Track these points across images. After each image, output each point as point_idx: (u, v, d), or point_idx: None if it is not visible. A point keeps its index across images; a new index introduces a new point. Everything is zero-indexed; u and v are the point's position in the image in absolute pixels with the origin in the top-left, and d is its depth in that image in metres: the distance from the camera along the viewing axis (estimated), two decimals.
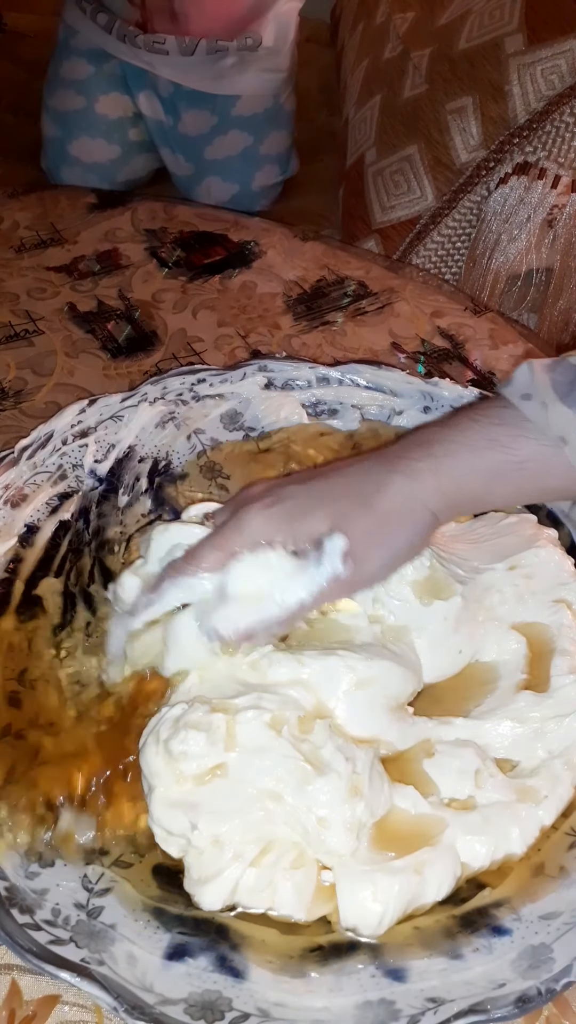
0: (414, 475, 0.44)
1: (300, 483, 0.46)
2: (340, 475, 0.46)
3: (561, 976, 0.37)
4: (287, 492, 0.45)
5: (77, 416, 0.61)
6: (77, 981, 0.36)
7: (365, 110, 1.13)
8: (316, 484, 0.45)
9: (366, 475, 0.45)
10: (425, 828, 0.41)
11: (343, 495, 0.44)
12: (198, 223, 0.92)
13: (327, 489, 0.45)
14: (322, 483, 0.45)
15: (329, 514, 0.43)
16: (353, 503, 0.44)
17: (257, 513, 0.44)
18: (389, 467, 0.44)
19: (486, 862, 0.41)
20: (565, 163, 0.97)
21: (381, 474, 0.44)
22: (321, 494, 0.45)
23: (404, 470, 0.44)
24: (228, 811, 0.40)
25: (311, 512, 0.44)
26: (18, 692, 0.47)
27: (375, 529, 0.43)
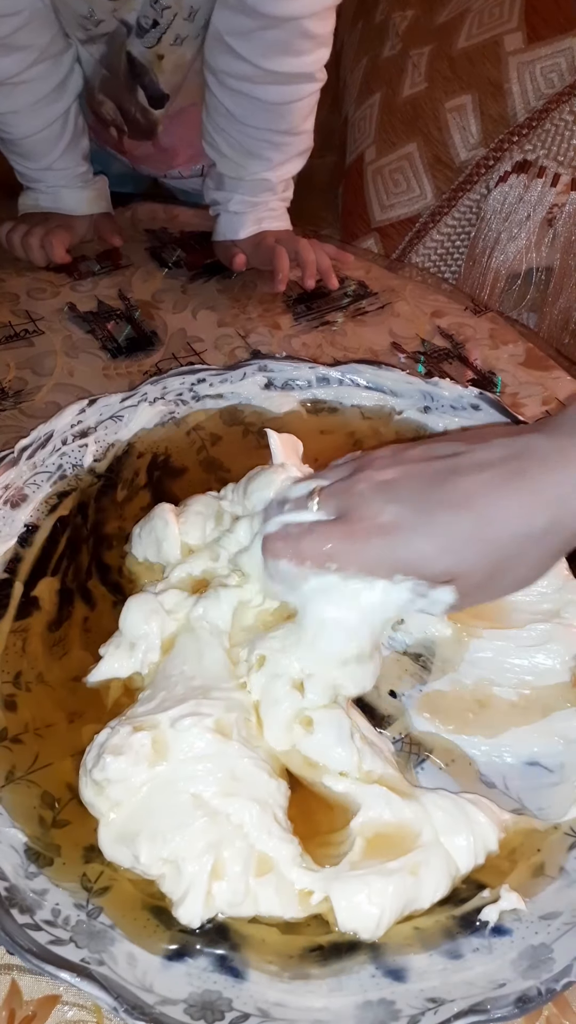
0: (555, 509, 0.38)
1: (422, 501, 0.40)
2: (468, 503, 0.39)
3: (561, 976, 0.37)
4: (408, 518, 0.39)
5: (77, 416, 0.61)
6: (77, 981, 0.36)
7: (364, 108, 1.13)
8: (440, 515, 0.39)
9: (499, 507, 0.39)
10: (405, 830, 0.41)
11: (469, 540, 0.39)
12: (198, 223, 0.92)
13: (452, 528, 0.39)
14: (447, 515, 0.39)
15: (449, 563, 0.39)
16: (478, 555, 0.39)
17: (378, 541, 0.39)
18: (524, 498, 0.38)
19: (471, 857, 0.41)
20: (565, 161, 0.97)
21: (514, 510, 0.38)
22: (446, 538, 0.39)
23: (544, 503, 0.38)
24: (168, 829, 0.39)
25: (433, 564, 0.39)
26: (13, 695, 0.47)
27: (489, 579, 0.40)
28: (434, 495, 0.40)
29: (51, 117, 0.82)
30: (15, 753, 0.45)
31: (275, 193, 0.84)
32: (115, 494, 0.59)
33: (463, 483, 0.39)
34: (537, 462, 0.39)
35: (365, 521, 0.40)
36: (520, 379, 0.73)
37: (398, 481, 0.41)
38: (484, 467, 0.39)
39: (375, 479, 0.41)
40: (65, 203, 0.88)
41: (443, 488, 0.40)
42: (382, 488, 0.41)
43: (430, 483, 0.40)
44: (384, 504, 0.40)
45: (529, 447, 0.39)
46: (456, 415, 0.64)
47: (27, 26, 0.75)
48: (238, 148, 0.81)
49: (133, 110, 0.93)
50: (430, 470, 0.41)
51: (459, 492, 0.39)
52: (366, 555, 0.40)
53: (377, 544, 0.40)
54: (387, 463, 0.42)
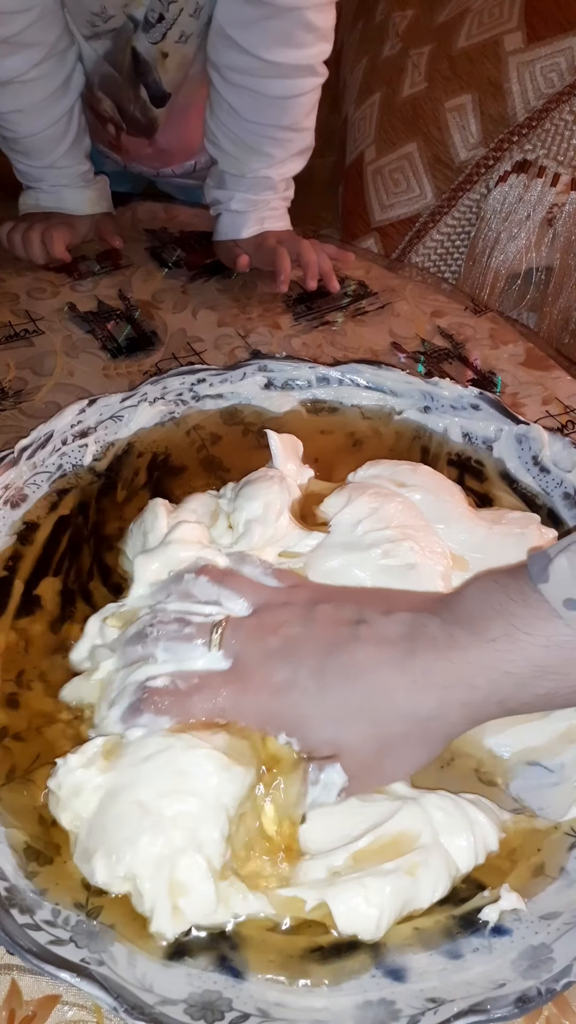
0: (442, 695, 0.38)
1: (319, 666, 0.40)
2: (361, 677, 0.40)
3: (561, 976, 0.37)
4: (302, 681, 0.40)
5: (77, 416, 0.61)
6: (77, 981, 0.36)
7: (364, 108, 1.13)
8: (332, 683, 0.40)
9: (388, 689, 0.39)
10: (402, 835, 0.41)
11: (356, 715, 0.39)
12: (198, 223, 0.92)
13: (342, 701, 0.40)
14: (339, 683, 0.40)
15: (336, 743, 0.40)
16: (364, 732, 0.40)
17: (267, 699, 0.40)
18: (414, 680, 0.39)
19: (472, 857, 0.41)
20: (564, 161, 0.97)
21: (403, 692, 0.39)
22: (334, 709, 0.40)
23: (432, 688, 0.39)
24: (119, 844, 0.39)
25: (319, 731, 0.40)
26: (16, 694, 0.48)
27: (377, 764, 0.40)
28: (330, 662, 0.40)
29: (56, 115, 0.82)
30: (16, 752, 0.45)
31: (276, 192, 0.84)
32: (115, 494, 0.59)
33: (359, 655, 0.40)
34: (429, 646, 0.39)
35: (258, 680, 0.41)
36: (520, 379, 0.73)
37: (300, 641, 0.41)
38: (381, 642, 0.40)
39: (280, 632, 0.42)
40: (67, 203, 0.88)
41: (339, 657, 0.40)
42: (284, 646, 0.41)
43: (328, 650, 0.41)
44: (281, 663, 0.41)
45: (424, 629, 0.40)
46: (456, 415, 0.64)
47: (37, 23, 0.75)
48: (240, 144, 0.81)
49: (132, 108, 0.93)
50: (331, 636, 0.41)
51: (354, 663, 0.40)
52: (255, 711, 0.40)
53: (267, 701, 0.40)
54: (296, 618, 0.42)
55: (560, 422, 0.69)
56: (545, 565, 0.38)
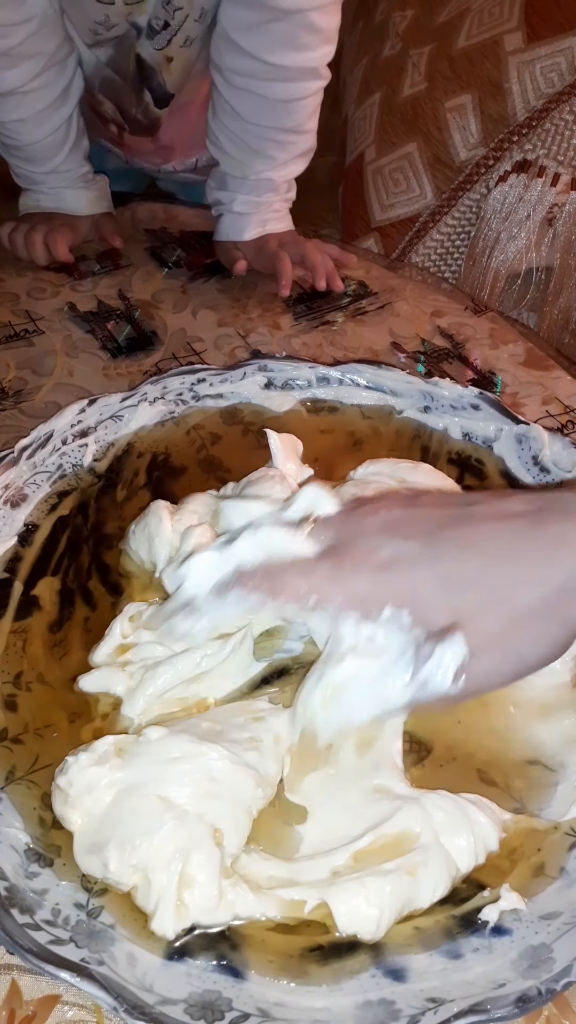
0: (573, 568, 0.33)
1: (429, 538, 0.35)
2: (481, 545, 0.35)
3: (561, 976, 0.37)
4: (411, 553, 0.35)
5: (77, 416, 0.61)
6: (77, 981, 0.36)
7: (364, 108, 1.13)
8: (448, 551, 0.35)
9: (514, 553, 0.34)
10: (402, 835, 0.41)
11: (478, 579, 0.35)
12: (198, 223, 0.92)
13: (460, 565, 0.35)
14: (455, 551, 0.35)
15: (454, 607, 0.34)
16: (487, 596, 0.34)
17: (369, 575, 0.35)
18: (544, 546, 0.34)
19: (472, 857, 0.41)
20: (564, 161, 0.97)
21: (532, 556, 0.34)
22: (451, 572, 0.35)
23: (570, 551, 0.34)
24: (136, 835, 0.39)
25: (433, 596, 0.35)
26: (14, 695, 0.47)
27: (503, 637, 0.34)
28: (443, 534, 0.35)
29: (57, 123, 0.82)
30: (15, 754, 0.45)
31: (278, 194, 0.84)
32: (115, 494, 0.59)
33: (478, 527, 0.35)
34: (560, 514, 0.34)
35: (357, 555, 0.36)
36: (520, 379, 0.73)
37: (405, 520, 0.37)
38: (502, 516, 0.36)
39: (380, 516, 0.38)
40: (67, 203, 0.88)
41: (455, 528, 0.36)
42: (386, 525, 0.37)
43: (440, 524, 0.36)
44: (385, 540, 0.36)
45: (554, 499, 0.36)
46: (456, 415, 0.64)
47: (37, 33, 0.75)
48: (243, 147, 0.81)
49: (134, 110, 0.93)
50: (442, 513, 0.37)
51: (472, 534, 0.35)
52: (354, 589, 0.35)
53: (367, 579, 0.35)
54: (397, 503, 0.38)
55: (560, 422, 0.69)
56: None
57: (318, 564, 0.37)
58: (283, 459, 0.56)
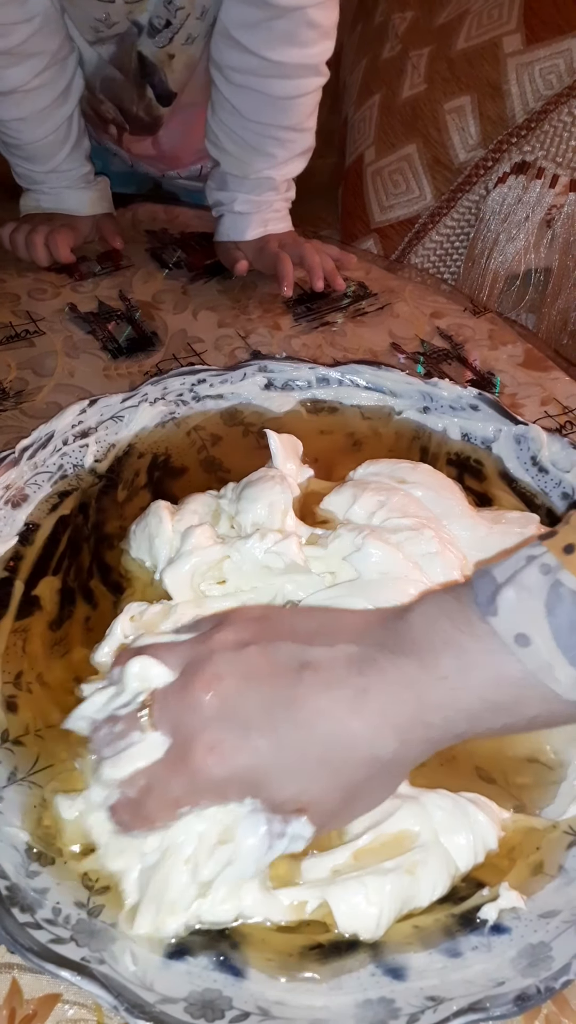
0: (401, 736, 0.37)
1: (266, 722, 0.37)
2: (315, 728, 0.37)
3: (560, 974, 0.38)
4: (253, 746, 0.37)
5: (78, 416, 0.61)
6: (77, 980, 0.36)
7: (364, 109, 1.14)
8: (285, 741, 0.37)
9: (344, 734, 0.37)
10: (402, 834, 0.41)
11: (317, 768, 0.37)
12: (199, 224, 0.93)
13: (298, 756, 0.37)
14: (292, 743, 0.37)
15: (297, 791, 0.38)
16: (326, 783, 0.37)
17: (214, 767, 0.37)
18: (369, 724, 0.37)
19: (471, 856, 0.41)
20: (563, 162, 0.98)
21: (360, 735, 0.37)
22: (292, 765, 0.37)
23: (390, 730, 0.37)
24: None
25: (277, 782, 0.37)
26: (14, 696, 0.48)
27: (342, 805, 0.39)
28: (277, 714, 0.37)
29: (58, 122, 0.82)
30: (16, 755, 0.45)
31: (278, 193, 0.84)
32: (116, 494, 0.59)
33: (308, 703, 0.37)
34: (380, 685, 0.37)
35: (202, 749, 0.37)
36: (519, 380, 0.73)
37: (237, 696, 0.38)
38: (330, 685, 0.37)
39: (211, 689, 0.38)
40: (68, 204, 0.88)
41: (287, 709, 0.37)
42: (221, 704, 0.38)
43: (272, 702, 0.38)
44: (222, 726, 0.37)
45: (373, 664, 0.37)
46: (455, 415, 0.64)
47: (39, 32, 0.76)
48: (243, 145, 0.81)
49: (136, 108, 0.93)
50: (272, 685, 0.38)
51: (304, 713, 0.37)
52: (210, 786, 0.38)
53: (218, 771, 0.37)
54: (227, 670, 0.38)
55: (559, 422, 0.69)
56: (492, 595, 0.35)
57: (170, 777, 0.38)
58: (283, 459, 0.56)
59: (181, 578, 0.49)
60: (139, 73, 0.88)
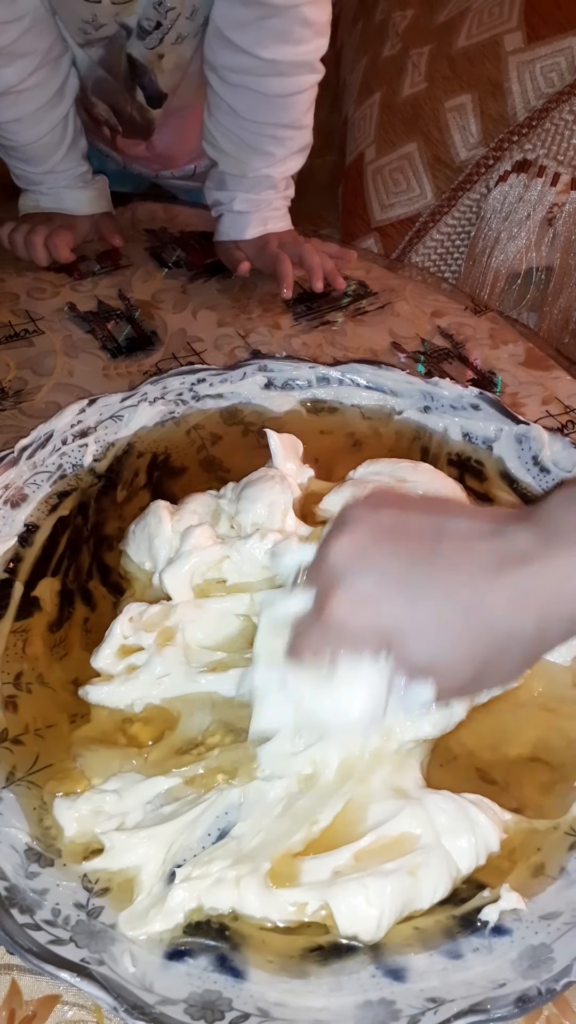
0: (542, 611, 0.37)
1: (405, 575, 0.38)
2: (452, 592, 0.37)
3: (561, 976, 0.37)
4: (388, 595, 0.38)
5: (77, 416, 0.61)
6: (77, 981, 0.36)
7: (364, 108, 1.13)
8: (422, 598, 0.38)
9: (481, 603, 0.37)
10: (403, 835, 0.41)
11: (450, 632, 0.37)
12: (198, 223, 0.92)
13: (435, 614, 0.37)
14: (429, 600, 0.37)
15: (432, 653, 0.38)
16: (460, 643, 0.37)
17: (346, 616, 0.38)
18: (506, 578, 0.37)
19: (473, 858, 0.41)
20: (564, 161, 0.97)
21: (496, 607, 0.37)
22: (427, 623, 0.38)
23: (532, 604, 0.37)
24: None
25: (412, 642, 0.38)
26: (14, 696, 0.47)
27: (471, 678, 0.38)
28: (415, 575, 0.38)
29: (53, 122, 0.82)
30: (16, 754, 0.45)
31: (277, 191, 0.84)
32: (115, 494, 0.59)
33: (448, 569, 0.38)
34: (520, 559, 0.37)
35: (340, 597, 0.38)
36: (520, 379, 0.73)
37: (376, 553, 0.39)
38: (469, 552, 0.38)
39: (349, 540, 0.39)
40: (66, 203, 0.88)
41: (425, 570, 0.38)
42: (360, 559, 0.39)
43: (411, 563, 0.38)
44: (360, 576, 0.39)
45: (514, 541, 0.38)
46: (456, 415, 0.64)
47: (29, 31, 0.76)
48: (240, 144, 0.81)
49: (129, 109, 0.93)
50: (410, 548, 0.39)
51: (446, 576, 0.38)
52: (344, 632, 0.39)
53: (353, 618, 0.38)
54: (361, 522, 0.40)
55: (560, 422, 0.69)
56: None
57: (310, 627, 0.40)
58: (283, 459, 0.56)
59: (180, 578, 0.49)
60: (129, 75, 0.88)
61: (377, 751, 0.43)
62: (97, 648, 0.48)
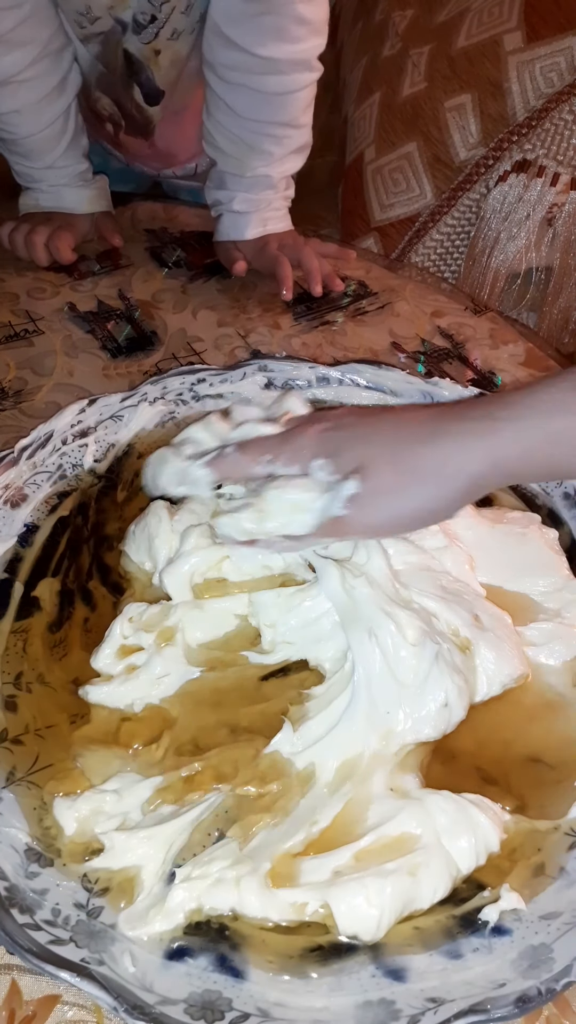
0: (461, 437, 0.43)
1: (356, 417, 0.48)
2: (392, 422, 0.47)
3: (561, 976, 0.37)
4: (341, 423, 0.48)
5: (77, 416, 0.61)
6: (77, 981, 0.36)
7: (364, 108, 1.13)
8: (367, 424, 0.47)
9: (413, 428, 0.45)
10: (404, 836, 0.41)
11: (382, 442, 0.45)
12: (198, 223, 0.92)
13: (373, 432, 0.46)
14: (372, 424, 0.47)
15: (360, 456, 0.45)
16: (385, 452, 0.45)
17: (310, 435, 0.47)
18: (439, 425, 0.44)
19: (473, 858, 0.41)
20: (564, 161, 0.97)
21: (426, 430, 0.44)
22: (366, 435, 0.46)
23: (453, 431, 0.44)
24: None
25: (349, 448, 0.46)
26: (14, 696, 0.47)
27: (392, 483, 0.44)
28: (369, 418, 0.48)
29: (53, 115, 0.82)
30: (16, 754, 0.45)
31: (277, 191, 0.84)
32: (115, 495, 0.59)
33: (388, 411, 0.50)
34: (458, 417, 0.44)
35: (303, 428, 0.49)
36: (520, 379, 0.73)
37: (337, 416, 0.49)
38: (407, 418, 0.47)
39: (316, 420, 0.50)
40: (66, 202, 0.88)
41: (371, 412, 0.50)
42: (326, 421, 0.49)
43: (361, 415, 0.49)
44: (322, 423, 0.48)
45: (454, 405, 0.47)
46: None
47: (29, 20, 0.76)
48: (238, 143, 0.81)
49: (130, 106, 0.93)
50: (363, 419, 0.48)
51: (384, 414, 0.49)
52: (298, 445, 0.48)
53: (306, 441, 0.47)
54: (325, 417, 0.50)
55: None
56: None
57: (276, 436, 0.50)
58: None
59: (180, 578, 0.49)
60: (126, 72, 0.88)
61: (377, 752, 0.43)
62: (97, 648, 0.48)
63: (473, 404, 0.45)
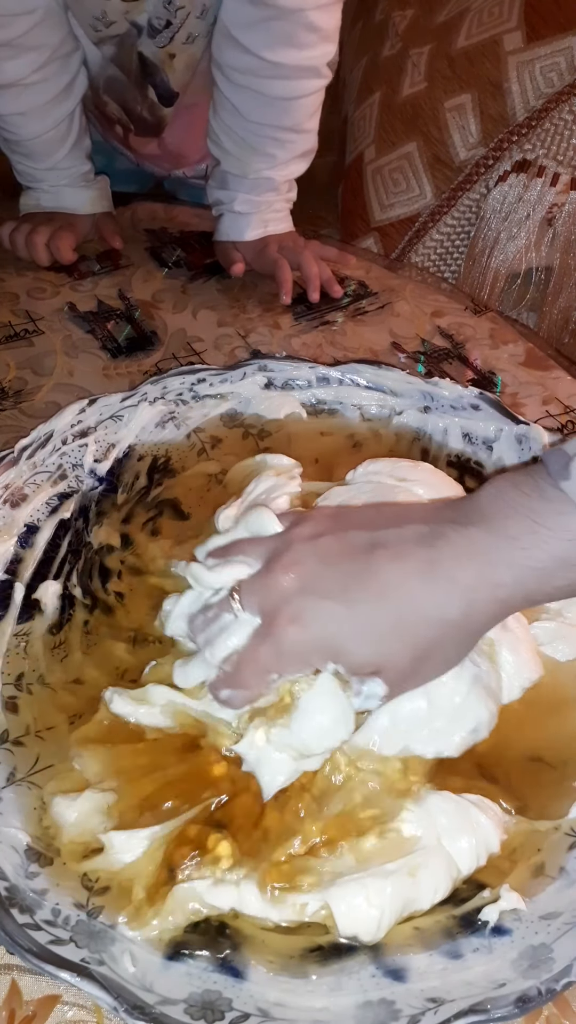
0: (470, 596, 0.39)
1: (342, 595, 0.41)
2: (387, 595, 0.40)
3: (561, 976, 0.37)
4: (329, 614, 0.41)
5: (77, 416, 0.61)
6: (77, 981, 0.36)
7: (364, 108, 1.13)
8: (360, 607, 0.40)
9: (414, 601, 0.40)
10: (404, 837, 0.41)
11: (389, 631, 0.40)
12: (198, 223, 0.92)
13: (373, 620, 0.40)
14: (366, 608, 0.40)
15: (372, 653, 0.41)
16: (399, 643, 0.40)
17: (295, 634, 0.41)
18: (438, 590, 0.39)
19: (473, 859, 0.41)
20: (564, 161, 0.97)
21: (428, 600, 0.40)
22: (367, 629, 0.41)
23: (459, 592, 0.39)
24: None
25: (353, 646, 0.41)
26: (15, 697, 0.47)
27: (415, 671, 0.41)
28: (352, 585, 0.41)
29: (58, 118, 0.82)
30: (16, 756, 0.45)
31: (279, 193, 0.84)
32: (116, 497, 0.59)
33: (380, 574, 0.40)
34: (449, 553, 0.40)
35: (285, 619, 0.41)
36: (520, 379, 0.73)
37: (315, 575, 0.42)
38: (400, 558, 0.40)
39: (292, 572, 0.42)
40: (67, 202, 0.88)
41: (361, 578, 0.41)
42: (300, 582, 0.42)
43: (347, 575, 0.41)
44: (302, 598, 0.41)
45: (441, 537, 0.40)
46: (456, 415, 0.64)
47: (40, 25, 0.76)
48: (242, 145, 0.81)
49: (140, 108, 0.93)
50: (347, 561, 0.41)
51: (377, 583, 0.40)
52: (294, 652, 0.41)
53: (300, 638, 0.41)
54: (305, 555, 0.42)
55: (560, 422, 0.69)
56: (566, 463, 0.38)
57: (259, 647, 0.42)
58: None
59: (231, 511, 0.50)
60: (140, 74, 0.88)
61: (384, 758, 0.43)
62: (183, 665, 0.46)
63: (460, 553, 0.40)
